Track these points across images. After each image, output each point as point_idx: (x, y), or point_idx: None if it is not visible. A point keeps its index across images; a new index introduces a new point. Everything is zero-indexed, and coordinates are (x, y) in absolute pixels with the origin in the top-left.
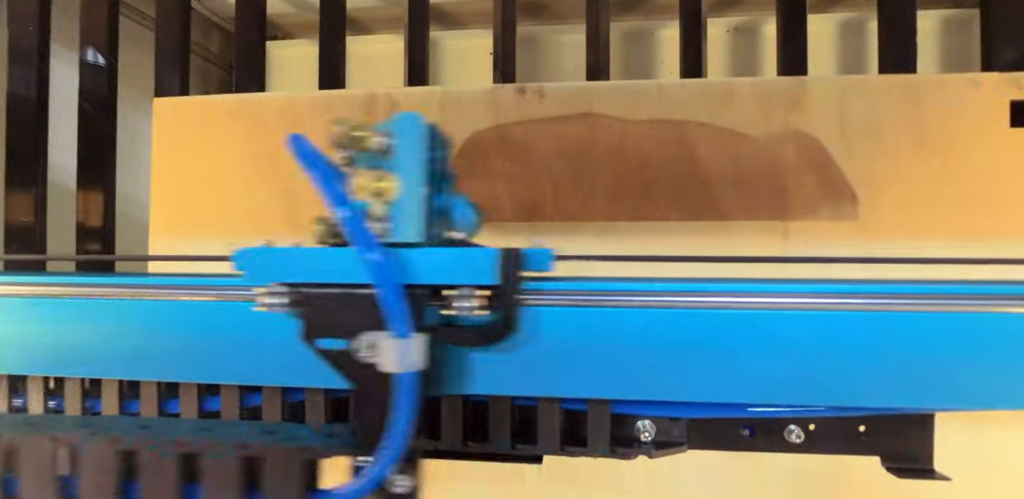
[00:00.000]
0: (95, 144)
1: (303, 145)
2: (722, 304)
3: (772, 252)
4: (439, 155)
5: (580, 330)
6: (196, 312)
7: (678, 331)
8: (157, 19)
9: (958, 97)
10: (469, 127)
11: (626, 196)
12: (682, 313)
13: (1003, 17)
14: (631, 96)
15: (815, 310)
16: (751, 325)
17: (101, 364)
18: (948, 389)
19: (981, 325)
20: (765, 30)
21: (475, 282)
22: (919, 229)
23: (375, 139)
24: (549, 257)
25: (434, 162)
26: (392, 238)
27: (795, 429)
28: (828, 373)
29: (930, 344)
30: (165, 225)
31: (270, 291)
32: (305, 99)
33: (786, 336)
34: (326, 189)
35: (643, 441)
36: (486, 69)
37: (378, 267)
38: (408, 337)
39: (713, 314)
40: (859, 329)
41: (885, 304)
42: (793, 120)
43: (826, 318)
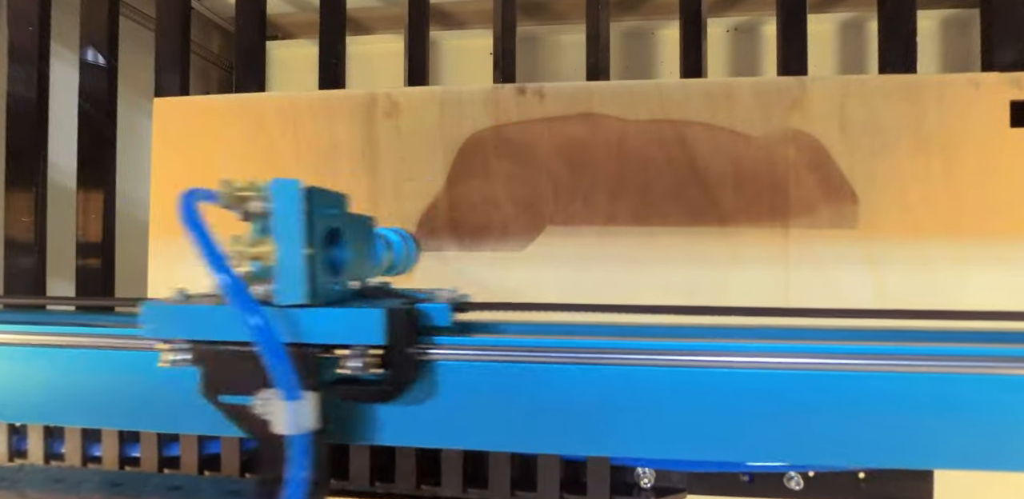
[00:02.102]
0: (95, 144)
1: (189, 205)
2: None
3: (772, 251)
4: (331, 212)
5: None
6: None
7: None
8: (157, 19)
9: (958, 97)
10: (469, 127)
11: (626, 196)
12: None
13: (1003, 17)
14: (631, 96)
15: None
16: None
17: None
18: (951, 450)
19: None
20: (765, 30)
21: (364, 342)
22: (919, 229)
23: (253, 204)
24: (447, 311)
25: (327, 219)
26: (278, 300)
27: (795, 476)
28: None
29: (923, 405)
30: (165, 225)
31: (173, 347)
32: (305, 99)
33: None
34: (205, 253)
35: (643, 487)
36: (486, 69)
37: (259, 331)
38: (297, 399)
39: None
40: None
41: (861, 364)
42: (793, 120)
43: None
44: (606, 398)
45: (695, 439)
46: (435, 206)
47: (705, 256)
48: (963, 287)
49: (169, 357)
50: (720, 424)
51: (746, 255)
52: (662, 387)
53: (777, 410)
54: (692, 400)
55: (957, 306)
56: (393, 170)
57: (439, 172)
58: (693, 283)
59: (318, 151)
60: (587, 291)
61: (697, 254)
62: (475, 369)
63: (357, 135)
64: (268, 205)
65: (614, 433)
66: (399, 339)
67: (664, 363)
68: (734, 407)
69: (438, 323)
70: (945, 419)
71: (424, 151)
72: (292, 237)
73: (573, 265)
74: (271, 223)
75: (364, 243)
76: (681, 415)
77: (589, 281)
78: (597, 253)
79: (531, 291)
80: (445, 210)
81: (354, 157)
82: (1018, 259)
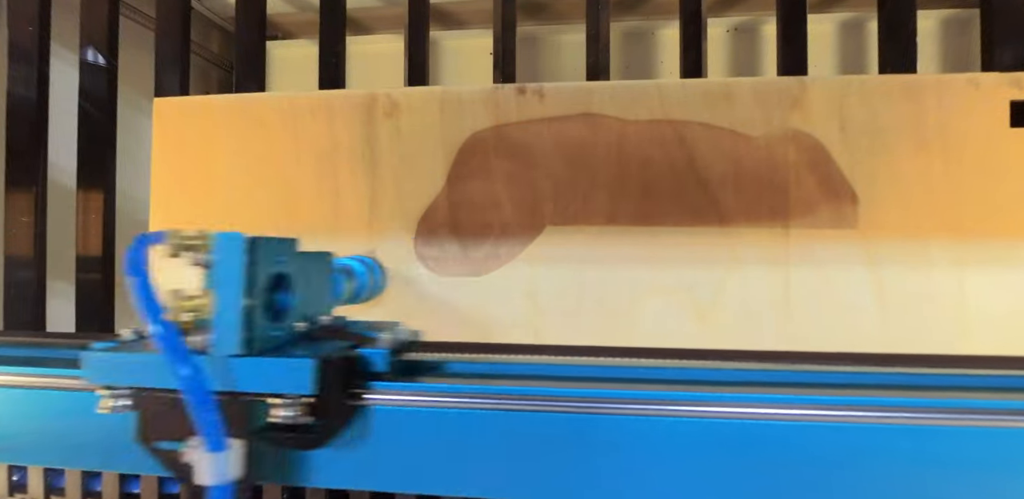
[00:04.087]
0: (95, 144)
1: (138, 251)
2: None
3: (772, 251)
4: (278, 259)
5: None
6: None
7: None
8: (157, 19)
9: (958, 97)
10: (469, 127)
11: (626, 196)
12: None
13: (1003, 17)
14: (631, 96)
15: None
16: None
17: None
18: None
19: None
20: (765, 30)
21: (294, 391)
22: (919, 229)
23: (196, 256)
24: (386, 357)
25: (272, 266)
26: (214, 351)
27: None
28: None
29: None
30: (165, 225)
31: (114, 394)
32: (305, 99)
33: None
34: (143, 302)
35: None
36: (486, 69)
37: (186, 382)
38: (221, 450)
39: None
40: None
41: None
42: (793, 120)
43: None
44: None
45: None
46: (435, 206)
47: (705, 256)
48: (963, 287)
49: (109, 403)
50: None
51: (746, 255)
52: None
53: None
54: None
55: (957, 306)
56: (393, 170)
57: (439, 172)
58: (693, 283)
59: (318, 151)
60: (587, 291)
61: (697, 254)
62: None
63: (357, 135)
64: (210, 257)
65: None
66: (330, 387)
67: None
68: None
69: (377, 368)
70: (954, 475)
71: (424, 151)
72: (231, 289)
73: (573, 265)
74: (212, 274)
75: (319, 280)
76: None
77: (589, 281)
78: (597, 253)
79: (532, 291)
80: (445, 210)
81: (354, 157)
82: (1018, 259)
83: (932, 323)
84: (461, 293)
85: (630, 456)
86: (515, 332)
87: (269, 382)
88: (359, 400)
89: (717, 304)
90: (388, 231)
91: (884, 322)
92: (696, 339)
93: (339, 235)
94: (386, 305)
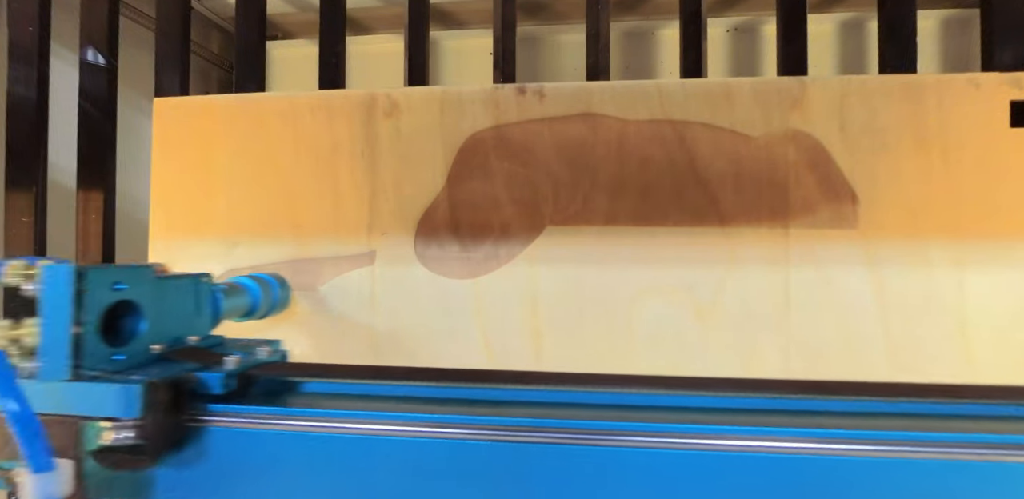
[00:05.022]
0: (95, 144)
1: None
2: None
3: (772, 251)
4: (118, 287)
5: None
6: None
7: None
8: (157, 19)
9: (958, 97)
10: (469, 127)
11: (626, 196)
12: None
13: (1003, 17)
14: (631, 96)
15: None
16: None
17: None
18: None
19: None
20: (765, 30)
21: (121, 415)
22: (919, 229)
23: (25, 287)
24: (220, 381)
25: (110, 295)
26: (42, 376)
27: None
28: None
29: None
30: (165, 225)
31: None
32: (305, 99)
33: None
34: None
35: None
36: (486, 69)
37: (6, 406)
38: (45, 470)
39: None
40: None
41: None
42: (793, 120)
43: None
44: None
45: None
46: (435, 206)
47: (705, 256)
48: (963, 288)
49: None
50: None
51: (746, 255)
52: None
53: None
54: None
55: (957, 306)
56: (393, 170)
57: (439, 172)
58: (693, 283)
59: (318, 151)
60: (587, 291)
61: (697, 254)
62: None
63: (357, 135)
64: (38, 287)
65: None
66: (158, 410)
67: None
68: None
69: (213, 391)
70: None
71: (424, 151)
72: (59, 317)
73: (573, 265)
74: (42, 304)
75: (183, 303)
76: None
77: (589, 281)
78: (597, 253)
79: (531, 291)
80: (445, 210)
81: (354, 157)
82: (1018, 259)
83: (932, 323)
84: (461, 293)
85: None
86: (515, 332)
87: (96, 406)
88: (195, 422)
89: (717, 304)
90: (388, 231)
91: (884, 322)
92: (696, 339)
93: (339, 235)
94: (386, 305)
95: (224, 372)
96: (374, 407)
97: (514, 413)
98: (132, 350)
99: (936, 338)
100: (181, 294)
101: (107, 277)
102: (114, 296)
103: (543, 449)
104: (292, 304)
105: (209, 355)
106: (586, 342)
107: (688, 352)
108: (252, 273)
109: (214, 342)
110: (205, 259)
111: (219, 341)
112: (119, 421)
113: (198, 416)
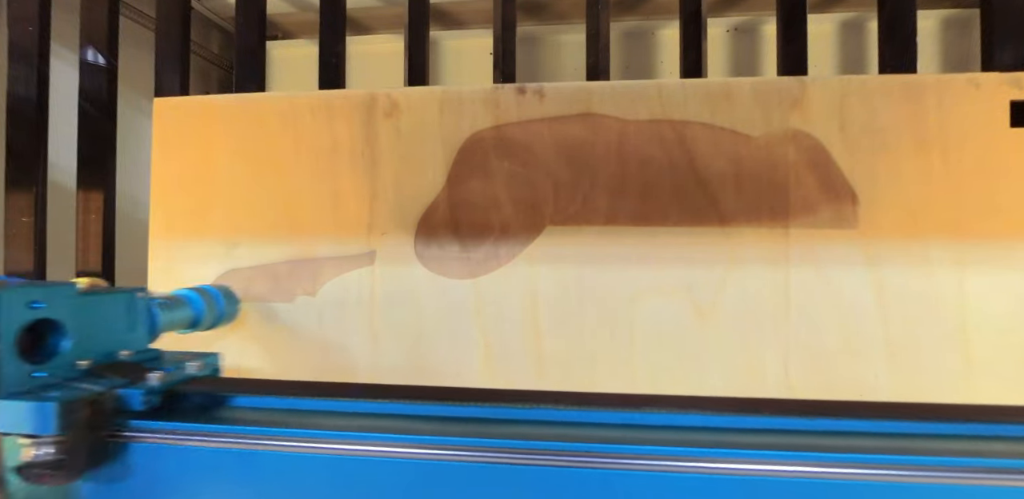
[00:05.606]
0: (95, 144)
1: None
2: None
3: (772, 251)
4: (36, 305)
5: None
6: None
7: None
8: (157, 19)
9: (958, 97)
10: (469, 127)
11: (626, 196)
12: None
13: (1003, 17)
14: (631, 96)
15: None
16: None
17: None
18: None
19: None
20: (765, 30)
21: (39, 432)
22: (919, 229)
23: None
24: (140, 397)
25: (27, 313)
26: None
27: None
28: None
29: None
30: (165, 225)
31: None
32: (305, 99)
33: None
34: None
35: None
36: (486, 69)
37: None
38: None
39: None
40: None
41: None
42: (793, 120)
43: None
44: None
45: None
46: (435, 206)
47: (705, 256)
48: (963, 287)
49: None
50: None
51: (746, 255)
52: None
53: None
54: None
55: (957, 306)
56: (393, 170)
57: (439, 172)
58: (693, 283)
59: (318, 151)
60: (587, 291)
61: (697, 254)
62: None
63: (357, 135)
64: None
65: None
66: (78, 427)
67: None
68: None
69: (134, 407)
70: None
71: (424, 151)
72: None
73: (573, 265)
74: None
75: (114, 319)
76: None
77: (589, 281)
78: (597, 253)
79: (532, 291)
80: (445, 210)
81: (354, 157)
82: (1018, 259)
83: (932, 323)
84: (461, 293)
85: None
86: (515, 332)
87: (14, 423)
88: (116, 437)
89: (717, 304)
90: (388, 231)
91: (884, 322)
92: (696, 339)
93: (339, 235)
94: (386, 305)
95: (145, 388)
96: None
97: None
98: (54, 366)
99: (936, 338)
100: (110, 310)
101: (22, 296)
102: (31, 314)
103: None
104: (241, 314)
105: (136, 370)
106: (586, 342)
107: (688, 352)
108: (199, 285)
109: (150, 356)
110: (205, 259)
111: (155, 355)
112: (39, 437)
113: (120, 432)
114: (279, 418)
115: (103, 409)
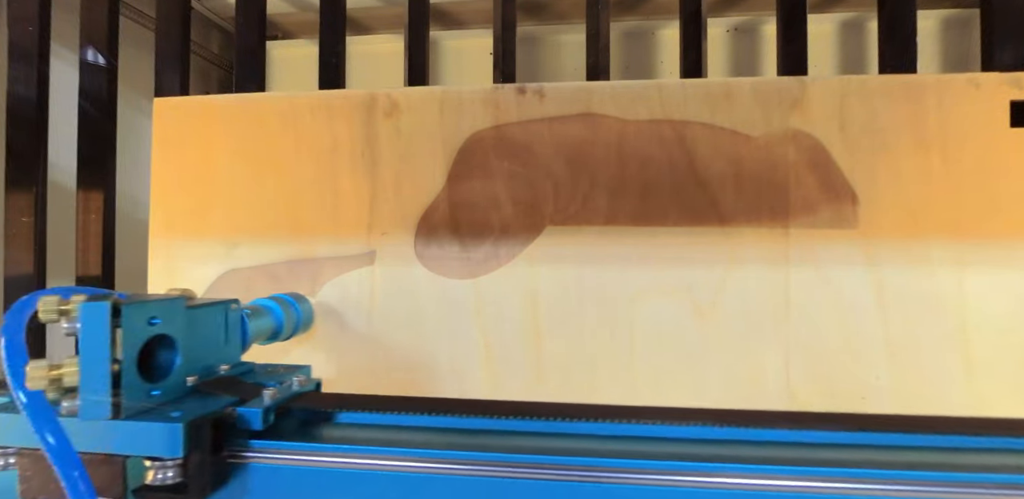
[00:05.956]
0: (95, 144)
1: (19, 314)
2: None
3: (772, 251)
4: (154, 321)
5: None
6: None
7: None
8: (157, 19)
9: (958, 97)
10: (469, 127)
11: (626, 196)
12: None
13: (1003, 17)
14: (631, 96)
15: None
16: None
17: None
18: None
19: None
20: (765, 30)
21: (161, 454)
22: (919, 229)
23: (63, 325)
24: (259, 416)
25: (146, 330)
26: (82, 415)
27: None
28: None
29: None
30: (165, 225)
31: (2, 451)
32: (305, 99)
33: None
34: (8, 369)
35: None
36: (486, 69)
37: (49, 445)
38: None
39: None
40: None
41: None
42: (793, 120)
43: None
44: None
45: None
46: (435, 206)
47: (705, 256)
48: (963, 287)
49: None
50: None
51: (746, 255)
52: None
53: None
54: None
55: (957, 306)
56: (393, 170)
57: (439, 172)
58: (693, 283)
59: (318, 151)
60: (587, 291)
61: (697, 254)
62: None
63: (357, 135)
64: (76, 325)
65: None
66: (199, 448)
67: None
68: None
69: (253, 427)
70: None
71: (424, 151)
72: (97, 355)
73: (573, 265)
74: (79, 342)
75: (214, 332)
76: None
77: (589, 281)
78: (597, 253)
79: (532, 291)
80: (445, 210)
81: (354, 157)
82: (1018, 259)
83: (932, 323)
84: (461, 293)
85: None
86: (515, 332)
87: (139, 445)
88: (236, 458)
89: (717, 304)
90: (388, 231)
91: (884, 322)
92: (696, 339)
93: (339, 235)
94: (386, 305)
95: (263, 407)
96: (410, 442)
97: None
98: (168, 384)
99: (936, 338)
100: (211, 323)
101: (143, 312)
102: (150, 331)
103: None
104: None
105: (245, 387)
106: (586, 342)
107: (688, 352)
108: (273, 294)
109: (245, 369)
110: (205, 259)
111: (249, 368)
112: (161, 460)
113: (239, 453)
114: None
115: (223, 430)
